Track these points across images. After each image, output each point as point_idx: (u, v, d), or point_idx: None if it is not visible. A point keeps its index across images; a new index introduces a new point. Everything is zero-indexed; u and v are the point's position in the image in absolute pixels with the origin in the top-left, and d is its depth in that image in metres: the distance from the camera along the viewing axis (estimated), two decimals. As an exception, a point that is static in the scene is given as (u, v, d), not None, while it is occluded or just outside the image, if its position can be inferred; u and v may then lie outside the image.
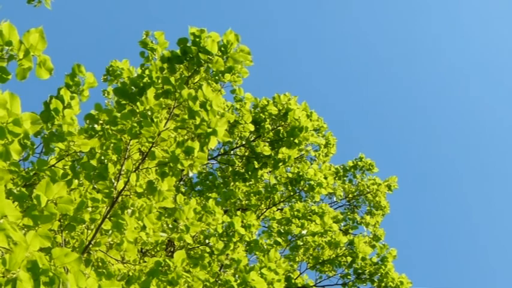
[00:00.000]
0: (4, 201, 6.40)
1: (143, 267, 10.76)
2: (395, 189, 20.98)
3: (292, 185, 18.70)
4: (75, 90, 10.45)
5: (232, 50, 11.67)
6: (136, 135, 10.21)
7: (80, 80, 10.56)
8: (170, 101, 10.62)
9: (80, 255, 7.11)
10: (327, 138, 20.35)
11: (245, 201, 18.38)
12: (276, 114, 18.37)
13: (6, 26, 6.96)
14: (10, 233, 6.36)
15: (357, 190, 20.75)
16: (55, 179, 9.29)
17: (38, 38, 7.17)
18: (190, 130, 10.45)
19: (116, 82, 13.43)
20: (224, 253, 12.43)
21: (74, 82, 10.49)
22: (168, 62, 11.43)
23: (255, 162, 18.46)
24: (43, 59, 7.24)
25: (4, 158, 6.81)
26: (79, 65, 10.62)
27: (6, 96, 6.72)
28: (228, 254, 12.53)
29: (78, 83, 10.53)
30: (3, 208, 6.38)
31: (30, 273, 6.29)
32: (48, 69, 7.30)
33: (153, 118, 10.24)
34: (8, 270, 6.23)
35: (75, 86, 10.47)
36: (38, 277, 6.32)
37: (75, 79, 10.51)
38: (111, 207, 9.93)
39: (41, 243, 6.67)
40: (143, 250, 11.85)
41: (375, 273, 18.29)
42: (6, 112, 6.67)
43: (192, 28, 11.43)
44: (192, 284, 11.01)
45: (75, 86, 10.48)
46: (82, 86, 10.61)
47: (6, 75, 7.07)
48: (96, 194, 9.95)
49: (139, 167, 10.22)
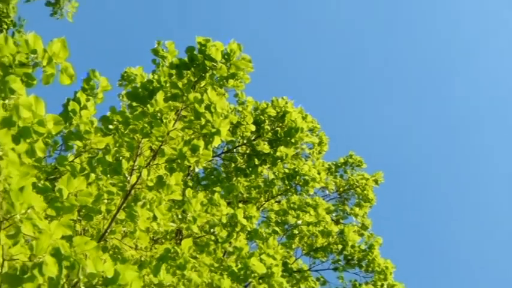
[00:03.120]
0: (30, 193, 6.45)
1: (154, 253, 10.79)
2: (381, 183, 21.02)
3: (289, 180, 18.73)
4: (91, 93, 10.47)
5: (235, 58, 11.67)
6: (147, 135, 10.25)
7: (95, 84, 10.58)
8: (178, 104, 10.64)
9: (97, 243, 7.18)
10: (320, 137, 20.35)
11: (246, 194, 18.38)
12: (275, 116, 18.46)
13: (31, 36, 7.00)
14: (36, 222, 6.42)
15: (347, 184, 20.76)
16: (74, 173, 9.31)
17: (60, 47, 7.21)
18: (197, 130, 10.49)
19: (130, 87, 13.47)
20: (227, 241, 12.42)
21: (90, 86, 10.50)
22: (176, 68, 11.44)
23: (255, 159, 18.52)
24: (65, 66, 7.26)
25: (30, 155, 6.84)
26: (94, 70, 10.65)
27: (31, 99, 6.77)
28: (231, 242, 12.51)
29: (93, 87, 10.54)
30: (30, 200, 6.42)
31: (54, 258, 6.37)
32: (69, 75, 7.33)
33: (163, 119, 10.28)
34: (34, 255, 6.29)
35: (90, 90, 10.49)
36: (61, 262, 6.37)
37: (90, 83, 10.53)
38: (125, 199, 9.96)
39: (63, 232, 6.70)
40: (154, 238, 11.88)
41: (363, 259, 18.30)
42: (31, 114, 6.70)
43: (198, 38, 11.45)
44: (198, 269, 11.05)
45: (91, 89, 10.49)
46: (97, 89, 10.64)
47: (32, 81, 7.12)
48: (112, 187, 9.96)
49: (150, 163, 10.25)
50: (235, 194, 17.52)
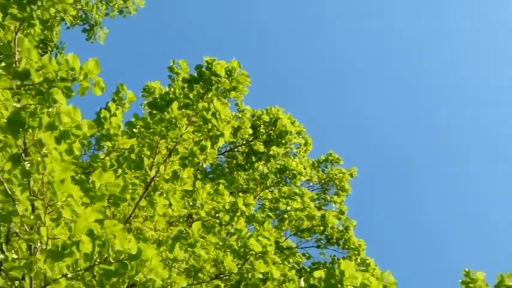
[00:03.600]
0: (70, 185, 6.49)
1: (170, 234, 10.80)
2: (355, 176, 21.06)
3: (280, 174, 18.75)
4: (119, 103, 10.49)
5: (236, 73, 11.68)
6: (164, 137, 10.28)
7: (122, 95, 10.61)
8: (189, 111, 10.66)
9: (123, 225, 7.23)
10: (305, 139, 20.35)
11: (245, 186, 18.39)
12: (268, 122, 18.52)
13: (70, 56, 7.04)
14: (74, 208, 6.45)
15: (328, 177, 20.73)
16: (105, 168, 9.34)
17: (93, 65, 7.25)
18: (204, 133, 10.52)
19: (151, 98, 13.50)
20: (230, 224, 12.40)
21: (118, 97, 10.53)
22: (188, 82, 11.46)
23: (252, 157, 18.58)
24: (97, 80, 7.29)
25: (69, 153, 6.85)
26: (122, 84, 10.67)
27: (70, 108, 6.80)
28: (233, 225, 12.48)
29: (121, 98, 10.56)
30: (69, 190, 6.46)
31: (88, 237, 6.42)
32: (101, 88, 7.37)
33: (177, 124, 10.32)
34: (72, 235, 6.34)
35: (119, 100, 10.51)
36: (94, 240, 6.41)
37: (119, 95, 10.56)
38: (146, 190, 9.99)
39: (96, 216, 6.72)
40: (170, 221, 11.87)
41: (341, 238, 18.30)
42: (70, 119, 6.72)
43: (206, 57, 11.48)
44: (206, 247, 11.08)
45: (119, 100, 10.51)
46: (124, 100, 10.67)
47: (71, 93, 7.16)
48: (135, 179, 9.96)
49: (167, 160, 10.26)
50: (236, 185, 17.52)
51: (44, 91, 6.89)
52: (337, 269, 8.65)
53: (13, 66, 6.99)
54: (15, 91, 7.08)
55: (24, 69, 6.96)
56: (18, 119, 6.55)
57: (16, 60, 7.06)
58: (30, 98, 6.99)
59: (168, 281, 9.32)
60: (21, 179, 6.63)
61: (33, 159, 6.52)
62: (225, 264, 10.76)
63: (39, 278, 6.65)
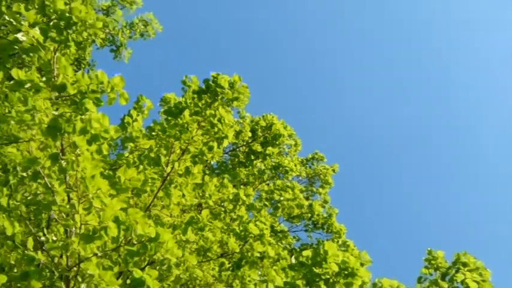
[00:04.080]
0: (99, 179, 6.48)
1: (183, 219, 10.77)
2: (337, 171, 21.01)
3: (275, 170, 18.66)
4: (140, 110, 10.46)
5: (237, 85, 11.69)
6: (178, 139, 10.26)
7: (142, 104, 10.57)
8: (199, 118, 10.64)
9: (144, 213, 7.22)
10: (295, 140, 20.30)
11: (245, 179, 18.32)
12: (265, 126, 18.53)
13: (100, 72, 7.02)
14: (103, 198, 6.45)
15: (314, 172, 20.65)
16: (129, 165, 9.33)
17: (119, 80, 7.22)
18: (212, 135, 10.51)
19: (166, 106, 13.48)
20: (233, 211, 12.40)
21: (139, 105, 10.48)
22: (197, 94, 11.44)
23: (251, 155, 18.57)
24: (122, 92, 7.27)
25: (98, 153, 6.83)
26: (142, 95, 10.59)
27: (100, 115, 6.80)
28: (235, 212, 12.48)
29: (141, 106, 10.51)
30: (99, 184, 6.46)
31: (114, 223, 6.41)
32: (125, 98, 7.34)
33: (188, 128, 10.32)
34: (101, 221, 6.34)
35: (139, 108, 10.48)
36: (119, 226, 6.40)
37: (139, 103, 10.51)
38: (163, 183, 9.95)
39: (121, 205, 6.70)
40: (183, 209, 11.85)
41: (325, 223, 18.25)
42: (99, 125, 6.74)
43: (212, 73, 11.50)
44: (213, 230, 11.05)
45: (140, 108, 10.47)
46: (144, 108, 10.63)
47: (100, 102, 7.14)
48: (154, 174, 9.93)
49: (180, 158, 10.23)
50: (238, 179, 17.47)
51: (77, 101, 6.89)
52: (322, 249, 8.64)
53: (52, 81, 6.98)
54: (54, 101, 7.06)
55: (61, 83, 6.95)
56: (56, 124, 6.55)
57: (55, 76, 7.04)
58: (66, 107, 6.98)
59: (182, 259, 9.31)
60: (58, 174, 6.63)
61: (69, 158, 6.52)
62: (229, 245, 10.75)
63: (74, 257, 6.63)
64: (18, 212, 6.95)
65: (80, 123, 6.59)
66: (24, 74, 6.79)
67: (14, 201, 6.87)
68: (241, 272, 10.41)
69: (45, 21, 6.95)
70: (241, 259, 10.65)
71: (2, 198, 6.73)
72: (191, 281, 10.03)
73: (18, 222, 6.78)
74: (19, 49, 6.88)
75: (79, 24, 7.01)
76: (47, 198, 6.68)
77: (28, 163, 6.70)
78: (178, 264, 9.07)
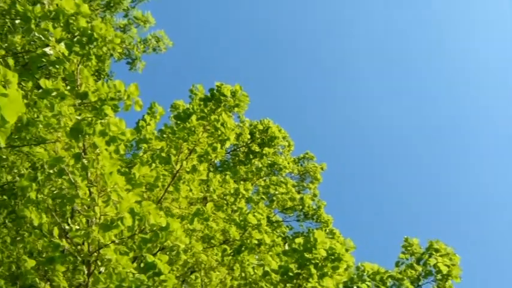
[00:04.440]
0: (116, 176, 6.44)
1: (190, 211, 10.76)
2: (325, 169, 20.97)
3: (270, 167, 18.66)
4: (152, 116, 10.43)
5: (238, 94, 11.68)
6: (186, 140, 10.23)
7: (155, 110, 10.54)
8: (204, 122, 10.62)
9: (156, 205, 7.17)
10: (288, 142, 20.25)
11: (245, 176, 18.30)
12: (262, 130, 18.50)
13: (117, 82, 6.98)
14: (120, 192, 6.40)
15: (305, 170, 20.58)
16: (143, 163, 9.31)
17: (134, 88, 7.18)
18: (215, 137, 10.49)
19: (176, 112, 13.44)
20: (234, 204, 12.40)
21: (152, 111, 10.46)
22: (203, 101, 11.45)
23: (250, 155, 18.52)
24: (137, 100, 7.23)
25: (116, 153, 6.79)
26: (154, 102, 10.54)
27: (117, 119, 6.78)
28: (236, 204, 12.50)
29: (154, 112, 10.49)
30: (116, 179, 6.42)
31: (130, 214, 6.37)
32: (140, 105, 7.30)
33: (195, 131, 10.30)
34: (118, 212, 6.30)
35: (152, 114, 10.45)
36: (134, 216, 6.35)
37: (152, 110, 10.49)
38: (172, 179, 9.93)
39: (136, 198, 6.64)
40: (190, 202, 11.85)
41: (314, 214, 18.23)
42: (117, 128, 6.71)
43: (216, 82, 11.49)
44: (216, 220, 11.02)
45: (152, 113, 10.45)
46: (156, 113, 10.58)
47: (117, 108, 7.11)
48: (165, 171, 9.94)
49: (188, 157, 10.24)
50: (238, 176, 17.46)
51: (97, 107, 6.85)
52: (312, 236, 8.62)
53: (75, 89, 6.94)
54: (77, 107, 7.03)
55: (83, 91, 6.92)
56: (79, 127, 6.52)
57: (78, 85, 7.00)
58: (87, 112, 6.94)
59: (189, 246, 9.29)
60: (81, 171, 6.59)
61: (90, 157, 6.48)
62: (230, 233, 10.73)
63: (94, 244, 6.58)
64: (45, 205, 6.91)
65: (100, 126, 6.56)
66: (51, 84, 6.77)
67: (41, 195, 6.83)
68: (241, 257, 10.38)
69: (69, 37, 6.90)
70: (241, 245, 10.63)
71: (31, 193, 6.68)
72: (197, 265, 10.01)
73: (45, 214, 6.74)
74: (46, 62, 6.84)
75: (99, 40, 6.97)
76: (71, 192, 6.64)
77: (54, 161, 6.66)
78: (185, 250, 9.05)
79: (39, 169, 7.40)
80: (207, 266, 10.15)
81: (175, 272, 9.37)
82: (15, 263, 7.58)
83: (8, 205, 8.67)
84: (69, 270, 6.73)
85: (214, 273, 10.17)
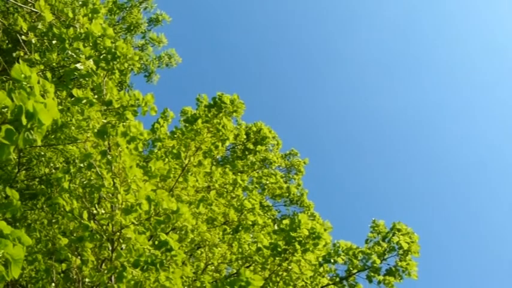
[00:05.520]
0: (135, 169, 6.42)
1: (196, 197, 10.75)
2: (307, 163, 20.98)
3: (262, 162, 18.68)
4: (165, 119, 10.41)
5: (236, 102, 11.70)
6: (193, 140, 10.22)
7: (167, 114, 10.49)
8: (208, 125, 10.62)
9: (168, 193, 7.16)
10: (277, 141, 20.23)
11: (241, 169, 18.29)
12: (255, 131, 18.50)
13: (136, 92, 7.00)
14: (138, 183, 6.39)
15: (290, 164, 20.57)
16: (157, 158, 9.30)
17: (150, 97, 7.21)
18: (217, 137, 10.48)
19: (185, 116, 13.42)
20: (232, 191, 12.38)
21: (164, 116, 10.45)
22: (207, 107, 11.46)
23: (246, 152, 18.50)
24: (152, 106, 7.27)
25: (135, 150, 6.81)
26: (166, 108, 10.56)
27: (136, 122, 6.77)
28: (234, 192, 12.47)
29: (166, 116, 10.46)
30: (135, 172, 6.40)
31: (146, 201, 6.35)
32: (155, 111, 7.32)
33: (201, 132, 10.29)
34: (137, 199, 6.29)
35: (165, 117, 10.42)
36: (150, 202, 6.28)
37: (165, 114, 10.48)
38: (182, 171, 9.90)
39: (151, 188, 6.62)
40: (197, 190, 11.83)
41: (298, 200, 18.28)
42: (136, 129, 6.71)
43: (218, 92, 11.53)
44: (218, 205, 11.00)
45: (165, 117, 10.42)
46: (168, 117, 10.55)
47: (136, 113, 7.12)
48: (176, 165, 9.93)
49: (195, 154, 10.23)
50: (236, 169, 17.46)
51: (120, 112, 6.86)
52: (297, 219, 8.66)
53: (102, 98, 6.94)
54: (103, 112, 7.03)
55: (108, 99, 6.92)
56: (105, 129, 6.51)
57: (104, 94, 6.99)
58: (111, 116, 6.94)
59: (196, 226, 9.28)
60: (106, 165, 6.57)
61: (113, 154, 6.47)
62: (229, 216, 10.74)
63: (117, 225, 6.57)
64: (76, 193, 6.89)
65: (122, 128, 6.56)
66: (82, 93, 6.75)
67: (73, 184, 6.82)
68: (238, 235, 10.39)
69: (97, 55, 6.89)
70: (238, 226, 10.65)
71: (65, 183, 6.67)
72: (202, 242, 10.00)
73: (76, 200, 6.72)
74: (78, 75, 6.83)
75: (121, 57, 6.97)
76: (98, 182, 6.63)
77: (84, 157, 6.65)
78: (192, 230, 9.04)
79: (72, 163, 7.40)
80: (210, 243, 10.15)
81: (184, 248, 9.36)
82: (51, 241, 7.57)
83: (45, 193, 8.67)
84: (96, 246, 6.71)
85: (216, 249, 10.17)
